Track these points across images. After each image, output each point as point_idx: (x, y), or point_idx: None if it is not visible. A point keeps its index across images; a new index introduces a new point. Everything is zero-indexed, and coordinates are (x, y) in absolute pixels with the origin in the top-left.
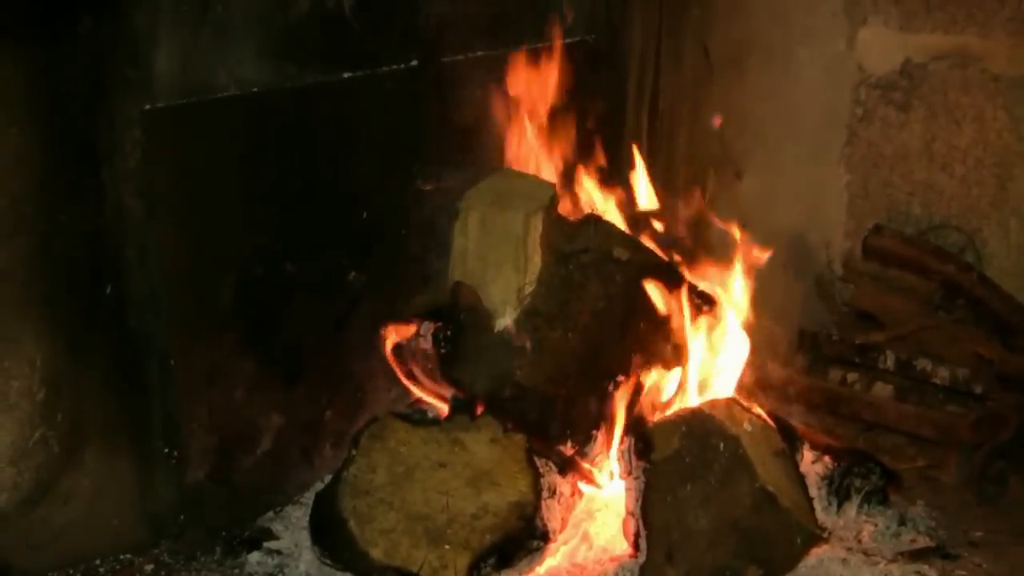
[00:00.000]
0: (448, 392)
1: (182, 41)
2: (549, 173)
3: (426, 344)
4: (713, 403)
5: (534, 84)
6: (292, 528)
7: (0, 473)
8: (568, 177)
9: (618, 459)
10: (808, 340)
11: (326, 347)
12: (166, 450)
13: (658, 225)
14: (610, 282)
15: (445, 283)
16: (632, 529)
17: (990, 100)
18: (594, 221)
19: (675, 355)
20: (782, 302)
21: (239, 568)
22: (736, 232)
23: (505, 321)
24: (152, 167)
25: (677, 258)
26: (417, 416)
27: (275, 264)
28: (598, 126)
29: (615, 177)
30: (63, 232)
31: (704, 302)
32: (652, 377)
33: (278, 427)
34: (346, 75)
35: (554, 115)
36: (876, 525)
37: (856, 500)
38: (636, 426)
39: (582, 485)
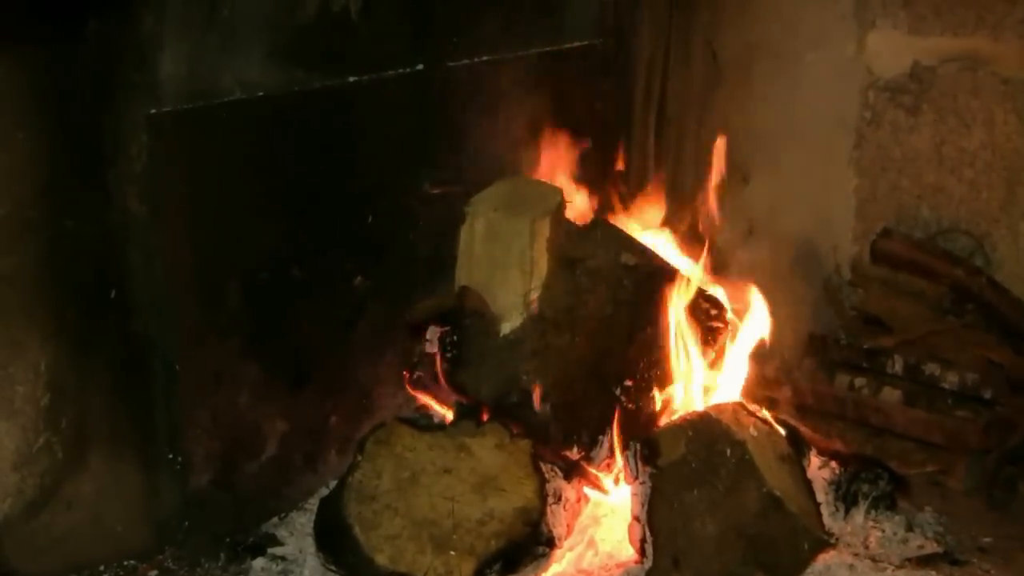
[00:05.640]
0: (454, 397)
1: (188, 45)
2: (556, 178)
3: (432, 349)
4: (719, 408)
5: (542, 89)
6: (297, 534)
7: (4, 478)
8: (576, 182)
9: (624, 464)
10: (816, 344)
11: (332, 352)
12: (170, 456)
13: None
14: (617, 287)
15: (451, 288)
16: (638, 535)
17: (1000, 103)
18: (601, 226)
19: (681, 360)
20: (790, 306)
21: (243, 574)
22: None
23: (511, 326)
24: (158, 171)
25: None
26: (423, 421)
27: (281, 269)
28: (606, 130)
29: (623, 181)
30: (68, 236)
31: (712, 307)
32: (658, 382)
33: (283, 433)
34: (352, 79)
35: (562, 120)
36: (884, 531)
37: (863, 505)
38: (642, 431)
39: (588, 491)
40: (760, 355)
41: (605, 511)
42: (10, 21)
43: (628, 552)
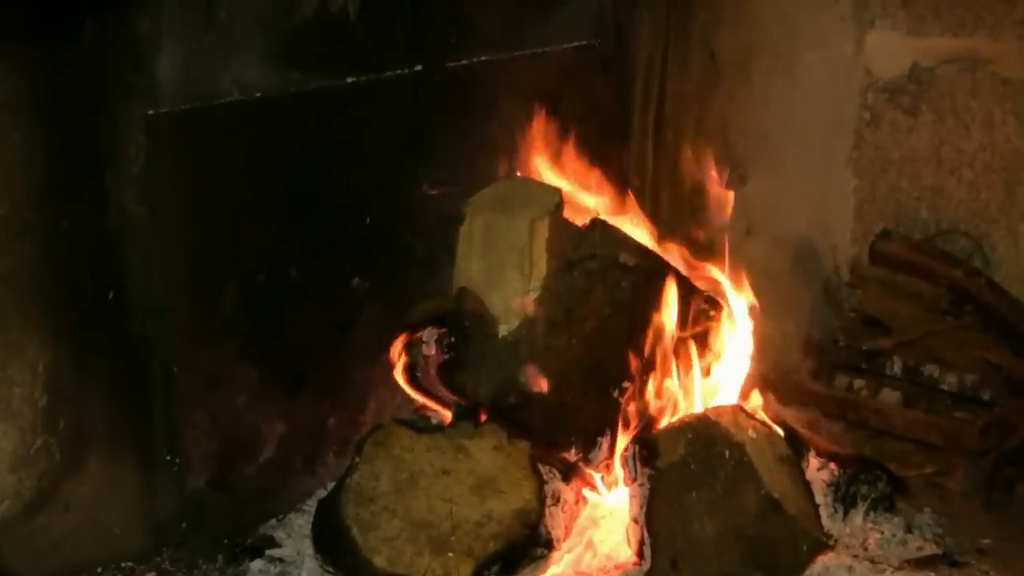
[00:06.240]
0: (452, 399)
1: (185, 46)
2: (555, 179)
3: (430, 350)
4: (718, 410)
5: (540, 89)
6: (295, 536)
7: (1, 480)
8: (574, 182)
9: (623, 466)
10: (815, 346)
11: (330, 354)
12: (168, 457)
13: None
14: (616, 288)
15: (450, 289)
16: (637, 536)
17: (999, 104)
18: (600, 227)
19: (680, 361)
20: (788, 307)
21: None
22: None
23: (509, 327)
24: (155, 172)
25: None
26: (421, 423)
27: (279, 270)
28: (605, 130)
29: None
30: (66, 238)
31: (711, 307)
32: (657, 383)
33: (281, 434)
34: (350, 80)
35: (560, 120)
36: (882, 532)
37: (862, 507)
38: (641, 433)
39: (586, 492)
40: (759, 357)
41: (604, 513)
42: (7, 22)
43: (626, 554)
